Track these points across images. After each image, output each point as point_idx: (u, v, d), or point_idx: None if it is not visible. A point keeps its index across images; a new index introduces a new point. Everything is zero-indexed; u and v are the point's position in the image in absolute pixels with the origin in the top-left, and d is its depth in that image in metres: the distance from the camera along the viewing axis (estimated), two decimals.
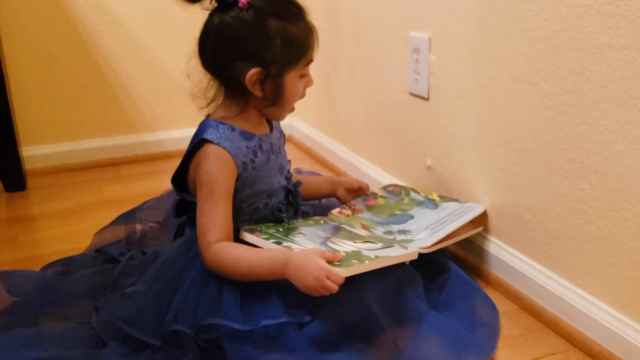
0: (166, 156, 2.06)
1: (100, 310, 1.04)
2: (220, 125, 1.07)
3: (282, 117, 1.16)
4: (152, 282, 1.03)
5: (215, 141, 1.05)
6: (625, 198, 0.94)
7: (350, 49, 1.76)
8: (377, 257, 1.03)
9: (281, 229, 1.08)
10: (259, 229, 1.07)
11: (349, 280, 0.96)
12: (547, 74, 1.05)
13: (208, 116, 1.12)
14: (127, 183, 1.87)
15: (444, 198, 1.34)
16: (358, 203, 1.31)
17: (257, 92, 1.06)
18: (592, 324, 1.02)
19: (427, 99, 1.41)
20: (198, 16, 1.07)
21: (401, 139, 1.56)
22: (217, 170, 1.04)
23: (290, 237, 1.05)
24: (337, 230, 1.13)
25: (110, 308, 1.02)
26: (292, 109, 1.14)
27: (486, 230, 1.28)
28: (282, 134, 1.22)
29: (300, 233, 1.08)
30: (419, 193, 1.37)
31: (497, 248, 1.24)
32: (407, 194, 1.37)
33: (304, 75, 1.10)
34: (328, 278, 0.93)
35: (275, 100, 1.08)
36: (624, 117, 0.92)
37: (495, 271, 1.25)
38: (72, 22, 1.91)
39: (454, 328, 1.05)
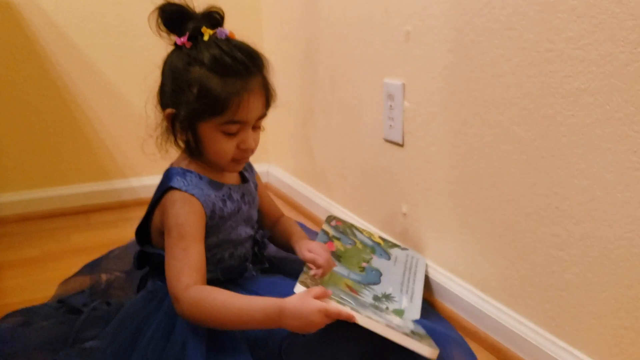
0: (138, 203, 2.02)
1: None
2: (187, 173, 1.04)
3: (228, 170, 1.10)
4: (112, 336, 0.98)
5: (183, 189, 1.01)
6: (602, 244, 0.92)
7: (326, 96, 1.76)
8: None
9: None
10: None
11: (324, 338, 0.93)
12: (520, 119, 1.04)
13: (172, 164, 1.09)
14: (97, 231, 1.82)
15: (386, 242, 1.38)
16: None
17: (178, 136, 1.03)
18: None
19: (401, 145, 1.40)
20: None
21: (377, 186, 1.54)
22: (186, 213, 0.99)
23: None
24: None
25: None
26: (237, 162, 1.07)
27: (462, 277, 1.25)
28: (255, 184, 1.19)
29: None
30: (362, 233, 1.39)
31: (473, 296, 1.21)
32: (353, 234, 1.38)
33: (231, 134, 1.02)
34: (328, 316, 0.89)
35: (198, 150, 1.04)
36: (598, 161, 0.90)
37: (471, 320, 1.21)
38: (45, 69, 1.89)
39: None
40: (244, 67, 0.99)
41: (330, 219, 1.41)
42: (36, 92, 1.90)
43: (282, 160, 2.19)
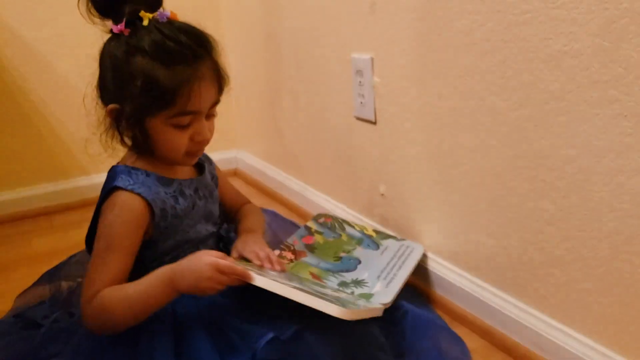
0: None
1: None
2: (132, 171, 0.96)
3: (182, 164, 1.01)
4: (73, 353, 0.90)
5: (129, 188, 0.92)
6: (594, 216, 0.86)
7: (292, 75, 1.67)
8: (365, 306, 0.94)
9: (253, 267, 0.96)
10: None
11: (302, 337, 0.87)
12: (498, 88, 0.97)
13: (118, 162, 1.01)
14: (61, 233, 1.72)
15: (380, 234, 1.28)
16: (296, 242, 1.21)
17: (125, 133, 0.95)
18: (568, 358, 0.93)
19: (374, 123, 1.32)
20: None
21: (351, 167, 1.46)
22: (121, 223, 0.91)
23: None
24: (301, 283, 1.01)
25: None
26: (191, 155, 0.98)
27: (447, 258, 1.19)
28: (214, 176, 1.11)
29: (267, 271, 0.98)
30: (353, 227, 1.31)
31: (459, 277, 1.15)
32: (342, 229, 1.30)
33: (182, 127, 0.94)
34: (220, 272, 0.85)
35: (147, 146, 0.95)
36: (585, 128, 0.84)
37: (459, 304, 1.15)
38: None
39: None
40: (191, 51, 0.90)
41: (319, 216, 1.34)
42: None
43: (250, 144, 2.10)
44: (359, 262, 1.18)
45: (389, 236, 1.28)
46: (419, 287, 1.24)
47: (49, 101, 1.87)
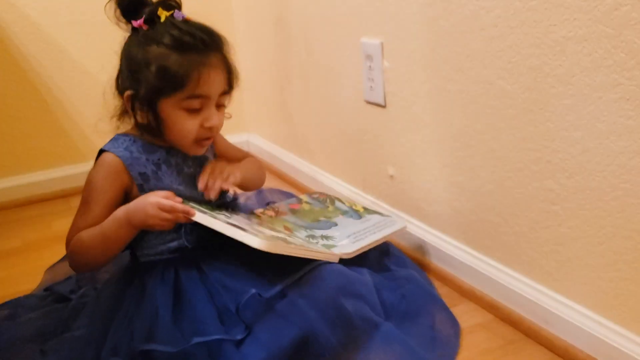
0: None
1: (46, 356, 0.97)
2: (121, 137, 1.06)
3: (190, 152, 1.07)
4: (89, 319, 0.99)
5: (111, 150, 1.03)
6: (597, 196, 0.90)
7: (302, 60, 1.71)
8: (302, 245, 1.00)
9: (207, 210, 1.03)
10: (186, 203, 1.00)
11: (285, 294, 0.95)
12: (505, 72, 1.01)
13: None
14: None
15: (367, 210, 1.34)
16: (282, 206, 1.29)
17: (137, 117, 1.02)
18: (572, 330, 0.98)
19: (384, 107, 1.36)
20: None
21: (361, 149, 1.50)
22: (101, 177, 1.02)
23: (215, 213, 1.01)
24: (260, 224, 1.10)
25: (56, 355, 0.96)
26: (200, 144, 1.05)
27: (455, 237, 1.23)
28: (214, 155, 1.18)
29: (224, 214, 1.05)
30: (343, 203, 1.37)
31: (467, 255, 1.19)
32: (332, 202, 1.36)
33: (193, 111, 1.01)
34: (163, 209, 0.94)
35: (159, 130, 1.03)
36: (589, 111, 0.88)
37: (467, 280, 1.20)
38: (9, 52, 1.82)
39: (407, 342, 0.99)
40: (202, 42, 0.99)
41: (315, 193, 1.41)
42: (2, 77, 1.83)
43: (261, 128, 2.14)
44: (335, 224, 1.25)
45: (375, 212, 1.33)
46: (427, 264, 1.29)
47: (65, 87, 1.91)
